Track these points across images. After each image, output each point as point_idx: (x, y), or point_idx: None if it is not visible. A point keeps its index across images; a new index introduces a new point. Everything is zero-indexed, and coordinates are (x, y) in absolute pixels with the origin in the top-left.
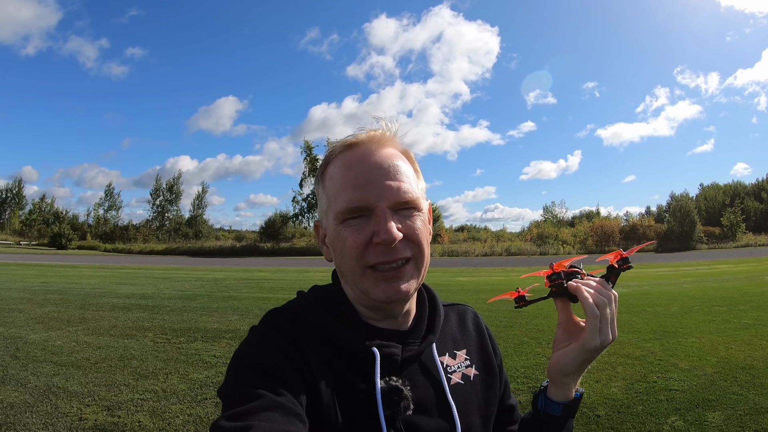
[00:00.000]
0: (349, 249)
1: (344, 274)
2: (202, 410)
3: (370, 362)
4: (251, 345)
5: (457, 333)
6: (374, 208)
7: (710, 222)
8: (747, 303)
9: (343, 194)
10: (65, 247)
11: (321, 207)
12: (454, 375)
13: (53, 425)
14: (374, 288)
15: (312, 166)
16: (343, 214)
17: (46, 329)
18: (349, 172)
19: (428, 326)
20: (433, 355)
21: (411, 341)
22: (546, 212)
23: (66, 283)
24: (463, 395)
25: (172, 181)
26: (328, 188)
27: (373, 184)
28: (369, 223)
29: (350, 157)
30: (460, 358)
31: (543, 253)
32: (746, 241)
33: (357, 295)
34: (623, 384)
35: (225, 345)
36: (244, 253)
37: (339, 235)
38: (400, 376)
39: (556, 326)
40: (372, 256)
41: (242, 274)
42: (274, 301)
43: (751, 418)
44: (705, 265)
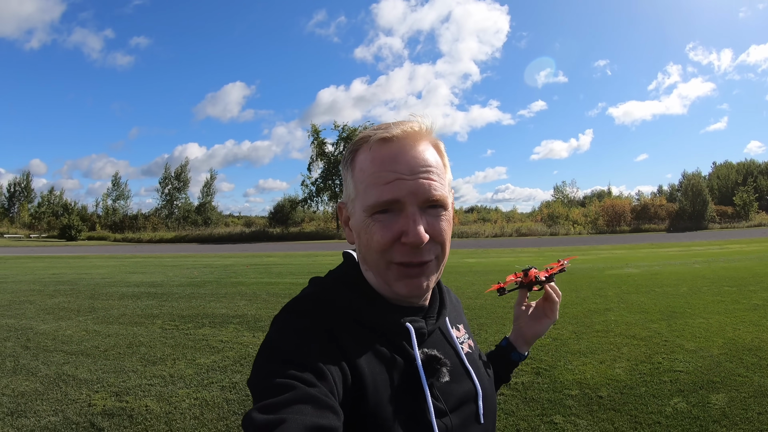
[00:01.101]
0: (376, 244)
1: (368, 263)
2: (208, 394)
3: (405, 337)
4: (277, 334)
5: (452, 309)
6: (405, 206)
7: (723, 201)
8: (758, 284)
9: (373, 190)
10: (75, 238)
11: (348, 192)
12: (464, 345)
13: (63, 411)
14: (397, 282)
15: (320, 149)
16: (372, 208)
17: (57, 319)
18: (381, 168)
19: (440, 301)
20: (448, 327)
21: (430, 315)
22: (557, 192)
23: (76, 273)
24: (474, 362)
25: (180, 168)
26: (358, 179)
27: (405, 183)
28: (397, 220)
29: (384, 153)
30: (462, 331)
31: (554, 233)
32: (759, 220)
33: (379, 282)
34: (627, 365)
35: (232, 330)
36: (254, 239)
37: (367, 227)
38: (428, 346)
39: (512, 308)
40: (398, 255)
41: (251, 260)
42: (283, 286)
43: (756, 400)
44: (716, 244)
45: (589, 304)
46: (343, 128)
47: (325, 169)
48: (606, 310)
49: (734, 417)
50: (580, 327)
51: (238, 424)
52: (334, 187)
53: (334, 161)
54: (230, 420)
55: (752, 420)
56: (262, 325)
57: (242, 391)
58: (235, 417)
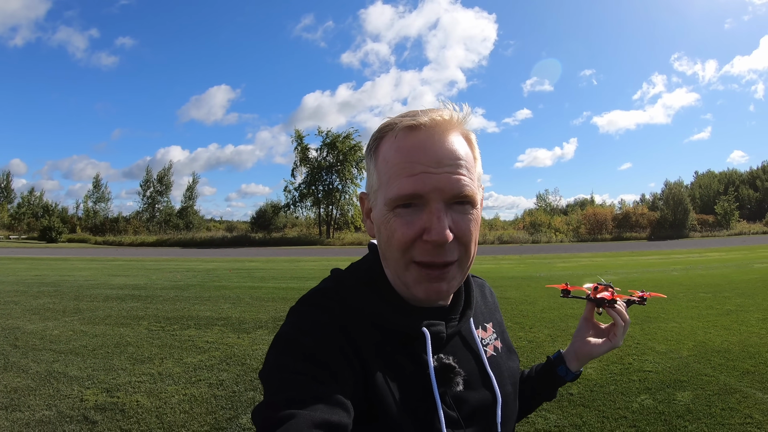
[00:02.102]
0: (396, 241)
1: (387, 261)
2: (197, 390)
3: (420, 342)
4: (293, 327)
5: (482, 306)
6: (429, 201)
7: (705, 210)
8: (732, 290)
9: (396, 182)
10: (55, 240)
11: (370, 184)
12: (488, 347)
13: (56, 406)
14: (416, 285)
15: (303, 155)
16: (394, 202)
17: (43, 320)
18: (406, 159)
19: (465, 301)
20: (471, 329)
21: (452, 317)
22: (539, 200)
23: (59, 275)
24: (497, 366)
25: (162, 172)
26: (381, 170)
27: (431, 176)
28: (421, 216)
29: (410, 142)
30: (489, 331)
31: (535, 241)
32: (740, 229)
33: (397, 282)
34: (599, 365)
35: (217, 331)
36: (236, 244)
37: (388, 222)
38: (447, 352)
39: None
40: (419, 253)
41: (234, 264)
42: (266, 290)
43: (719, 397)
44: (696, 253)
45: (566, 309)
46: (327, 134)
47: (309, 174)
48: (581, 315)
49: (697, 412)
50: (555, 330)
51: (226, 417)
52: (317, 193)
53: (318, 167)
54: (218, 414)
55: (715, 415)
56: (247, 327)
57: (229, 388)
58: (223, 411)
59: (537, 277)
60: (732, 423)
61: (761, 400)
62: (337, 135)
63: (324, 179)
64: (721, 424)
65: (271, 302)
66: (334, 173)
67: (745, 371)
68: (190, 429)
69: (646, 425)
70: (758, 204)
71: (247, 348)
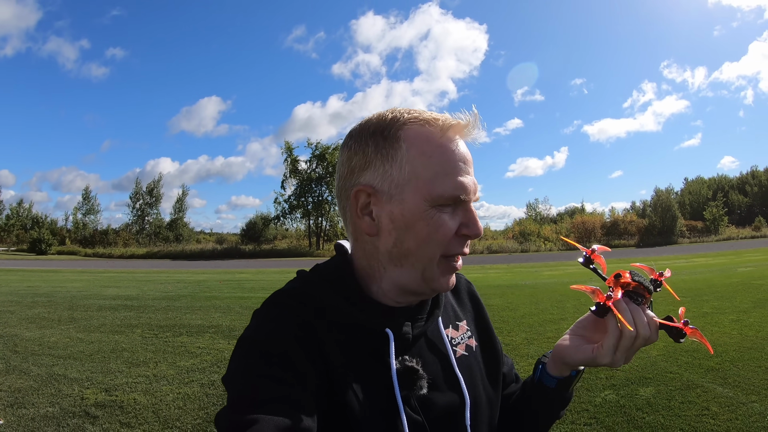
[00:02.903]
0: (441, 236)
1: (411, 258)
2: (190, 390)
3: (384, 343)
4: (256, 330)
5: (455, 304)
6: (467, 201)
7: (694, 216)
8: (712, 294)
9: (447, 180)
10: (45, 252)
11: (390, 176)
12: (459, 347)
13: (59, 404)
14: (441, 278)
15: (293, 167)
16: (444, 200)
17: (40, 328)
18: (454, 157)
19: (433, 301)
20: (440, 329)
21: (419, 317)
22: (529, 210)
23: (51, 287)
24: (468, 367)
25: (152, 184)
26: (420, 163)
27: (470, 177)
28: (457, 212)
29: (451, 140)
30: (462, 330)
31: (524, 250)
32: (728, 234)
33: (411, 280)
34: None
35: (208, 338)
36: (226, 256)
37: (431, 218)
38: (412, 354)
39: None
40: (454, 246)
41: (224, 276)
42: (256, 300)
43: (680, 392)
44: (683, 258)
45: (546, 314)
46: (316, 146)
47: (298, 186)
48: (561, 320)
49: (657, 405)
50: (532, 334)
51: (216, 411)
52: (307, 205)
53: (307, 179)
54: (210, 410)
55: (673, 408)
56: (236, 334)
57: (220, 387)
58: (214, 407)
59: (522, 285)
60: (688, 415)
61: (720, 394)
62: (326, 147)
63: (314, 191)
64: (678, 416)
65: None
66: (323, 185)
67: (709, 368)
68: (183, 422)
69: (605, 417)
70: (748, 209)
71: None
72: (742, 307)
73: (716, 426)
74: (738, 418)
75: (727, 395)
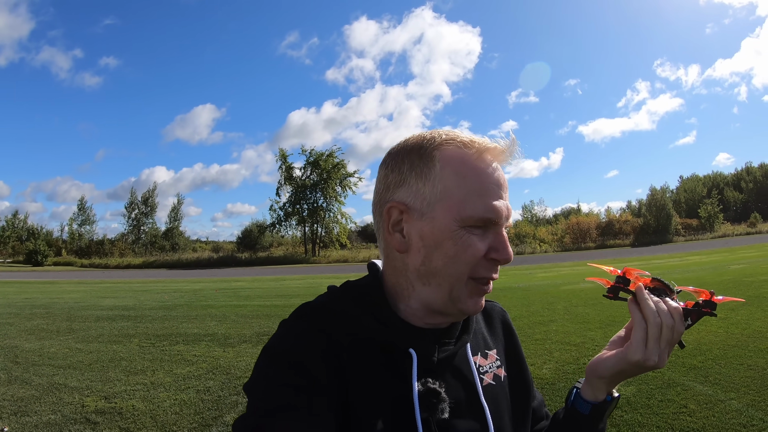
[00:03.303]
0: (469, 257)
1: (438, 277)
2: (186, 396)
3: (407, 363)
4: (281, 339)
5: (486, 332)
6: (499, 225)
7: (690, 214)
8: None
9: (480, 201)
10: (41, 263)
11: (422, 193)
12: (486, 376)
13: (60, 411)
14: (469, 300)
15: (288, 174)
16: (475, 221)
17: (39, 339)
18: (488, 180)
19: (463, 325)
20: (467, 355)
21: (446, 341)
22: (525, 211)
23: (49, 298)
24: (494, 396)
25: (147, 193)
26: (453, 183)
27: (503, 202)
28: (487, 236)
29: (487, 163)
30: (491, 359)
31: (519, 252)
32: (723, 231)
33: (439, 299)
34: (555, 366)
35: (204, 346)
36: (222, 264)
37: (459, 239)
38: (435, 377)
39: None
40: (482, 269)
41: (220, 284)
42: (251, 308)
43: (660, 391)
44: (677, 257)
45: (537, 316)
46: (311, 153)
47: (293, 193)
48: (550, 321)
49: (636, 404)
50: (521, 337)
51: (212, 416)
52: (302, 212)
53: (302, 186)
54: (205, 414)
55: (652, 406)
56: (232, 342)
57: (215, 393)
58: (210, 412)
59: (515, 287)
60: (666, 412)
61: (699, 392)
62: (320, 153)
63: (309, 198)
64: (656, 414)
65: (256, 319)
66: (318, 191)
67: (692, 366)
68: (180, 426)
69: None
70: (743, 205)
71: (232, 360)
72: (731, 305)
73: (692, 423)
74: (714, 415)
75: (706, 393)
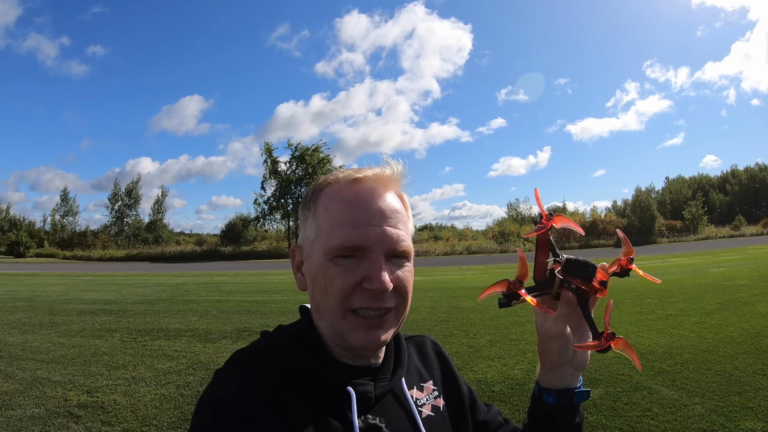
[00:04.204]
0: (336, 288)
1: (321, 312)
2: (166, 391)
3: (346, 402)
4: (219, 385)
5: (420, 365)
6: (371, 252)
7: (675, 215)
8: (680, 295)
9: (340, 231)
10: (23, 255)
11: (306, 234)
12: (425, 408)
13: (44, 405)
14: (353, 333)
15: (273, 168)
16: (336, 251)
17: (22, 333)
18: (350, 209)
19: (395, 361)
20: (403, 389)
21: (381, 377)
22: (510, 209)
23: (31, 291)
24: (435, 427)
25: (131, 185)
26: (322, 219)
27: (374, 228)
28: (360, 265)
29: (354, 193)
30: (427, 390)
31: (503, 251)
32: (707, 233)
33: (332, 334)
34: (526, 367)
35: (185, 342)
36: (205, 258)
37: (326, 272)
38: (374, 413)
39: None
40: (357, 300)
41: (202, 279)
42: (233, 304)
43: (627, 393)
44: (659, 258)
45: (514, 316)
46: (296, 147)
47: (278, 187)
48: (527, 322)
49: (602, 406)
50: (496, 336)
51: (191, 411)
52: (287, 206)
53: (287, 180)
54: (184, 409)
55: (618, 408)
56: (213, 338)
57: (195, 388)
58: (189, 407)
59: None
60: (630, 415)
61: (665, 396)
62: (306, 148)
63: (293, 192)
64: (620, 416)
65: (237, 314)
66: (303, 186)
67: (660, 371)
68: (160, 420)
69: None
70: (728, 207)
71: (212, 355)
72: (707, 309)
73: (654, 426)
74: (677, 419)
75: (672, 397)
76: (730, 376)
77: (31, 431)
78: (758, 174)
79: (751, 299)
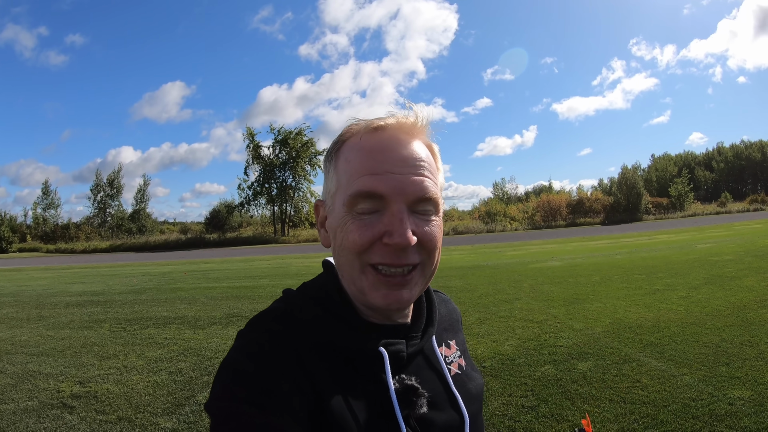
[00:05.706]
0: (351, 243)
1: (341, 268)
2: (159, 378)
3: (379, 363)
4: (240, 353)
5: (447, 322)
6: (390, 204)
7: (661, 193)
8: (667, 270)
9: (357, 180)
10: (6, 250)
11: (328, 188)
12: (452, 365)
13: (37, 397)
14: (373, 291)
15: (256, 153)
16: (355, 199)
17: (10, 328)
18: (370, 158)
19: (427, 318)
20: (434, 347)
21: (413, 335)
22: (496, 189)
23: (16, 286)
24: (462, 385)
25: (113, 174)
26: (342, 170)
27: (395, 176)
28: (381, 220)
29: (374, 142)
30: (453, 348)
31: (490, 230)
32: (693, 210)
33: (354, 292)
34: (516, 342)
35: (175, 329)
36: (190, 246)
37: (344, 225)
38: (408, 372)
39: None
40: (377, 255)
41: (188, 267)
42: (220, 290)
43: (616, 366)
44: (646, 235)
45: (503, 294)
46: (279, 131)
47: (262, 172)
48: (515, 299)
49: (591, 378)
50: (485, 314)
51: (184, 396)
52: (271, 191)
53: (270, 164)
54: (178, 395)
55: (607, 380)
56: (202, 324)
57: (187, 374)
58: (182, 393)
59: (484, 266)
60: (620, 386)
61: (654, 368)
62: (289, 132)
63: (277, 177)
64: (610, 388)
65: (225, 300)
66: (287, 170)
67: (648, 343)
68: (154, 407)
69: (542, 389)
70: (714, 185)
71: (203, 341)
72: (694, 284)
73: (644, 396)
74: (666, 389)
75: (660, 368)
76: (717, 348)
77: (25, 424)
78: (744, 151)
79: (738, 274)
